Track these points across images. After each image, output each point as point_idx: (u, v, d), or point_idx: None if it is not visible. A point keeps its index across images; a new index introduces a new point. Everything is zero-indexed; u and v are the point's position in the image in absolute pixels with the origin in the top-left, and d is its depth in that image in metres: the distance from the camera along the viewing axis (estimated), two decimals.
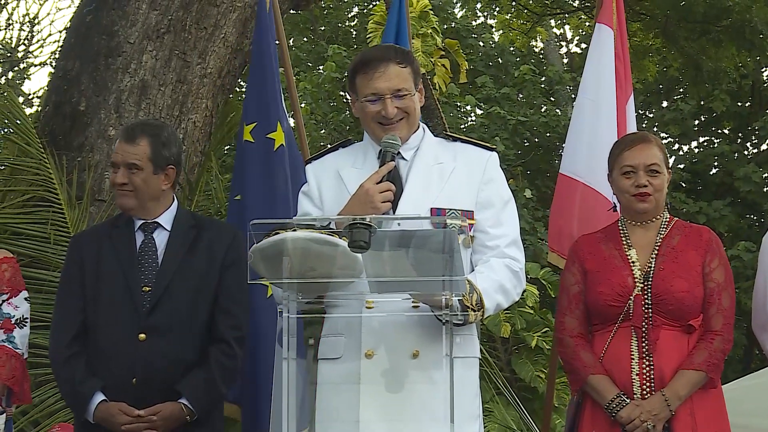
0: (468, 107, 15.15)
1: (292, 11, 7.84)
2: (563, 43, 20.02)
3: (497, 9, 18.09)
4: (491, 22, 18.96)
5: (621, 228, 3.61)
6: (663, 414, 3.35)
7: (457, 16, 17.02)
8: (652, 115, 17.18)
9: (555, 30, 19.46)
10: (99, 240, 3.65)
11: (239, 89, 9.43)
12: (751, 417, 5.15)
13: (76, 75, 5.88)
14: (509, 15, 17.38)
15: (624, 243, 3.56)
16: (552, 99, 15.93)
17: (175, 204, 3.70)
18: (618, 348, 3.44)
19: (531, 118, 14.41)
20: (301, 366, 2.96)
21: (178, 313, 3.50)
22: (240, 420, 4.52)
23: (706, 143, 16.70)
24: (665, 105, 16.83)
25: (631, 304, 3.43)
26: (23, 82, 15.91)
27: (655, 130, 15.97)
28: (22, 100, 13.92)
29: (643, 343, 3.42)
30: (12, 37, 15.43)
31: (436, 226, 2.89)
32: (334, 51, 13.77)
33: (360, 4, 17.30)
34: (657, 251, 3.52)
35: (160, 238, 3.60)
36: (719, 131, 16.92)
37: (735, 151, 15.25)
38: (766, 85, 16.68)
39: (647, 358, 3.40)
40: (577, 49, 19.03)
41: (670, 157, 3.73)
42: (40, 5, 18.05)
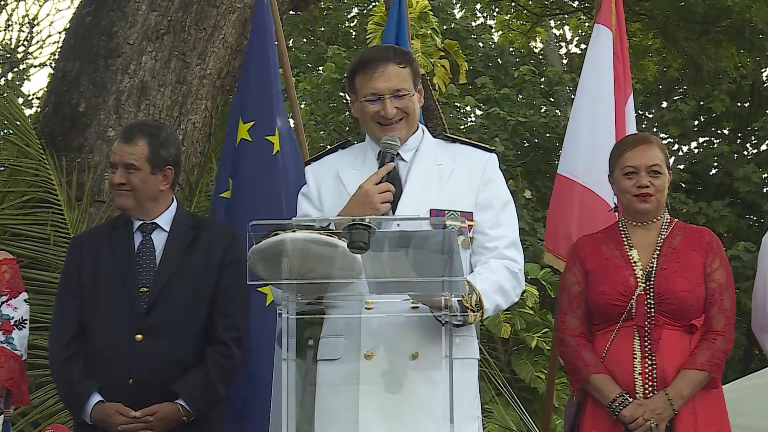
0: (467, 108, 15.16)
1: (291, 12, 7.83)
2: (563, 44, 20.02)
3: (497, 10, 18.11)
4: (491, 22, 18.97)
5: (621, 228, 3.61)
6: (666, 413, 3.35)
7: (457, 16, 17.01)
8: (651, 116, 17.17)
9: (554, 30, 19.47)
10: (98, 241, 3.65)
11: None
12: (751, 417, 5.15)
13: (75, 76, 5.87)
14: (509, 16, 17.40)
15: (625, 243, 3.56)
16: (551, 99, 15.92)
17: (174, 205, 3.69)
18: (620, 347, 3.44)
19: (530, 118, 14.41)
20: (301, 367, 2.96)
21: (175, 314, 3.50)
22: None
23: (705, 143, 16.69)
24: (665, 105, 16.82)
25: (634, 303, 3.43)
26: (23, 83, 15.91)
27: (655, 130, 15.96)
28: (21, 101, 13.92)
29: (646, 343, 3.42)
30: (11, 38, 15.44)
31: (435, 227, 2.89)
32: (333, 52, 13.77)
33: (359, 4, 17.30)
34: (659, 251, 3.52)
35: (158, 238, 3.60)
36: (719, 131, 16.92)
37: (735, 152, 15.24)
38: (765, 86, 16.67)
39: (650, 357, 3.40)
40: (577, 50, 19.03)
41: (669, 158, 3.73)
42: (39, 6, 18.13)
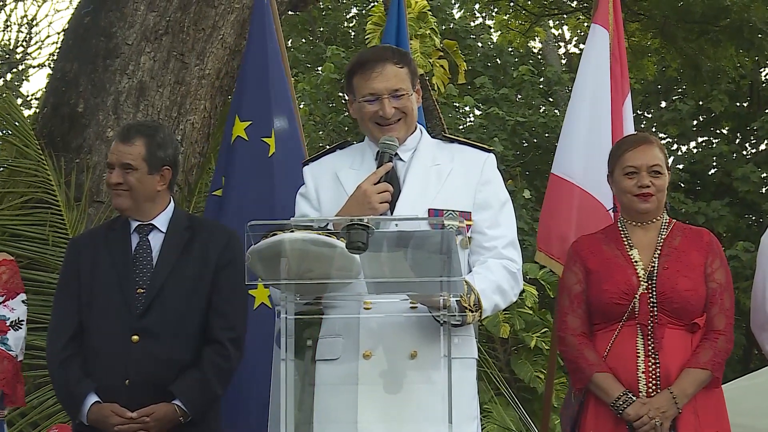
0: (467, 108, 15.15)
1: (290, 12, 7.83)
2: (561, 44, 20.02)
3: (495, 10, 18.11)
4: (489, 22, 18.97)
5: (621, 228, 3.62)
6: (671, 412, 3.35)
7: (456, 16, 17.00)
8: (650, 116, 17.15)
9: (553, 30, 19.46)
10: (96, 243, 3.65)
11: None
12: (751, 417, 5.15)
13: (74, 76, 5.87)
14: (507, 16, 17.41)
15: (625, 243, 3.57)
16: (550, 99, 15.92)
17: (172, 205, 3.69)
18: (623, 346, 3.44)
19: (529, 118, 14.39)
20: (299, 367, 2.95)
21: (171, 315, 3.49)
22: None
23: (704, 143, 16.66)
24: (664, 105, 16.79)
25: (637, 302, 3.44)
26: (21, 83, 15.92)
27: (654, 130, 15.95)
28: (20, 101, 13.93)
29: (649, 342, 3.42)
30: (10, 39, 15.45)
31: (433, 227, 2.89)
32: (332, 52, 13.76)
33: (358, 5, 17.30)
34: (660, 251, 3.52)
35: (155, 239, 3.60)
36: (718, 131, 16.90)
37: (734, 152, 15.22)
38: (764, 85, 16.67)
39: (653, 356, 3.40)
40: (576, 50, 19.00)
41: (668, 158, 3.74)
42: (38, 7, 18.10)
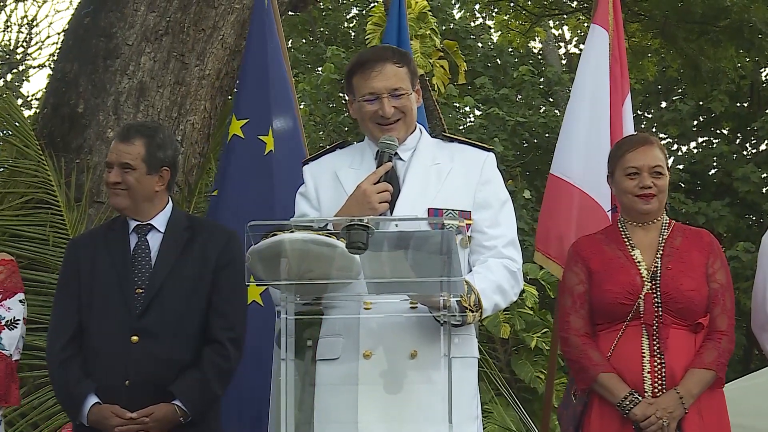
0: (467, 108, 15.15)
1: (290, 13, 7.83)
2: (562, 44, 20.02)
3: (496, 10, 18.11)
4: (490, 23, 18.97)
5: (621, 229, 3.61)
6: (678, 412, 3.35)
7: (456, 17, 16.99)
8: (650, 116, 17.16)
9: (553, 31, 19.46)
10: (95, 243, 3.65)
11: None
12: (751, 417, 5.15)
13: (74, 77, 5.87)
14: (507, 16, 17.41)
15: (627, 244, 3.56)
16: (551, 100, 15.92)
17: (170, 206, 3.68)
18: (627, 346, 3.43)
19: (530, 118, 14.39)
20: (299, 367, 2.95)
21: (170, 315, 3.49)
22: None
23: (705, 144, 16.66)
24: (664, 105, 16.79)
25: (641, 302, 3.43)
26: (22, 84, 15.91)
27: (654, 130, 15.95)
28: (20, 102, 13.93)
29: (654, 342, 3.41)
30: (11, 39, 15.45)
31: (433, 226, 2.89)
32: (332, 52, 13.76)
33: (358, 5, 17.29)
34: (662, 251, 3.52)
35: (153, 240, 3.59)
36: (718, 131, 16.90)
37: (734, 152, 15.21)
38: (765, 86, 16.67)
39: (659, 356, 3.40)
40: (576, 50, 19.00)
41: (669, 158, 3.74)
42: (38, 7, 18.09)
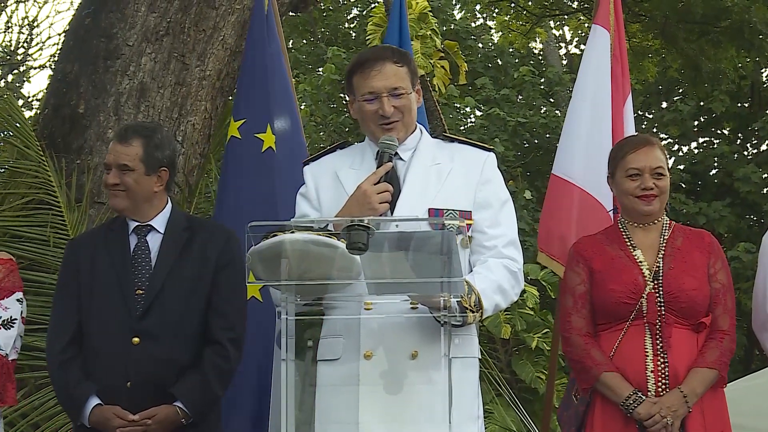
0: (467, 109, 15.14)
1: (291, 13, 7.83)
2: (562, 45, 20.02)
3: (496, 10, 18.10)
4: (490, 23, 18.97)
5: (622, 229, 3.62)
6: (681, 410, 3.35)
7: (456, 17, 16.99)
8: (651, 116, 17.15)
9: (554, 31, 19.46)
10: (94, 244, 3.65)
11: None
12: (752, 417, 5.15)
13: (75, 78, 5.86)
14: (508, 16, 17.39)
15: (628, 244, 3.57)
16: (551, 100, 15.91)
17: (169, 206, 3.68)
18: (630, 346, 3.43)
19: (530, 119, 14.39)
20: (300, 367, 2.95)
21: (171, 316, 3.49)
22: None
23: (705, 144, 16.66)
24: (665, 106, 16.80)
25: (644, 301, 3.43)
26: (22, 84, 15.89)
27: (655, 130, 15.94)
28: (21, 102, 13.92)
29: (657, 341, 3.41)
30: (11, 40, 15.44)
31: (434, 227, 2.89)
32: (333, 53, 13.75)
33: (359, 6, 17.29)
34: (664, 251, 3.52)
35: (153, 240, 3.59)
36: (719, 132, 16.89)
37: (735, 152, 15.20)
38: (765, 86, 16.66)
39: (662, 355, 3.40)
40: (577, 51, 18.99)
41: (669, 158, 3.74)
42: (39, 8, 18.12)
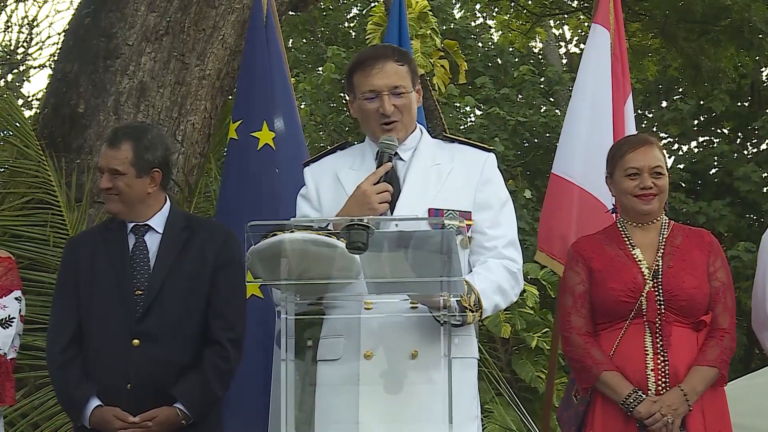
0: (467, 108, 15.14)
1: (291, 12, 7.83)
2: (562, 44, 20.02)
3: (496, 10, 18.10)
4: (490, 22, 18.97)
5: (621, 229, 3.61)
6: (682, 409, 3.35)
7: (456, 16, 16.99)
8: (651, 115, 17.15)
9: (554, 30, 19.46)
10: (93, 243, 3.64)
11: None
12: (752, 417, 5.15)
13: (74, 77, 5.86)
14: (508, 16, 17.39)
15: (627, 243, 3.57)
16: (551, 99, 15.92)
17: (168, 206, 3.67)
18: (630, 345, 3.43)
19: (530, 118, 14.39)
20: (300, 367, 2.96)
21: (170, 317, 3.48)
22: None
23: (705, 143, 16.66)
24: (664, 105, 16.80)
25: (644, 300, 3.43)
26: (22, 84, 15.89)
27: (655, 130, 15.94)
28: (21, 102, 13.92)
29: (657, 339, 3.41)
30: (11, 40, 15.44)
31: (433, 226, 2.89)
32: (333, 52, 13.74)
33: (359, 5, 17.29)
34: (663, 250, 3.52)
35: (151, 240, 3.58)
36: (719, 131, 16.90)
37: (735, 151, 15.21)
38: (765, 85, 16.66)
39: (662, 353, 3.40)
40: (576, 50, 19.00)
41: (669, 158, 3.74)
42: (39, 7, 18.12)
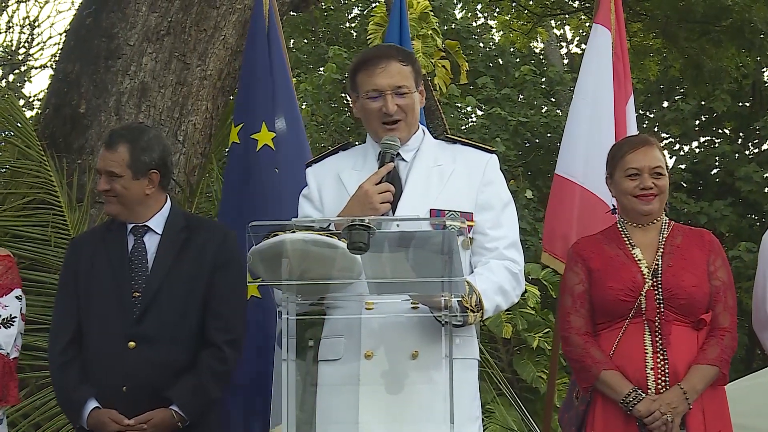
0: (468, 108, 15.14)
1: (292, 13, 7.83)
2: (563, 44, 20.02)
3: (497, 10, 18.09)
4: (491, 23, 18.97)
5: (621, 229, 3.62)
6: (681, 407, 3.35)
7: (458, 17, 17.01)
8: (652, 115, 17.16)
9: (555, 31, 19.46)
10: (94, 243, 3.64)
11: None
12: (753, 417, 5.15)
13: (76, 77, 5.86)
14: (509, 16, 17.37)
15: (627, 243, 3.57)
16: (552, 99, 15.93)
17: (167, 206, 3.66)
18: (630, 344, 3.43)
19: (532, 118, 14.39)
20: (301, 367, 2.96)
21: (167, 319, 3.48)
22: None
23: (707, 143, 16.67)
24: (666, 105, 16.80)
25: (643, 299, 3.43)
26: (24, 84, 15.90)
27: (656, 130, 15.95)
28: (22, 102, 13.92)
29: (657, 338, 3.41)
30: (12, 40, 15.45)
31: (435, 227, 2.89)
32: (334, 52, 13.74)
33: (360, 5, 17.29)
34: (663, 249, 3.53)
35: (150, 241, 3.58)
36: (720, 131, 16.91)
37: (736, 151, 15.22)
38: (766, 85, 16.66)
39: (661, 352, 3.40)
40: (578, 50, 19.02)
41: (671, 158, 3.75)
42: (40, 8, 18.12)
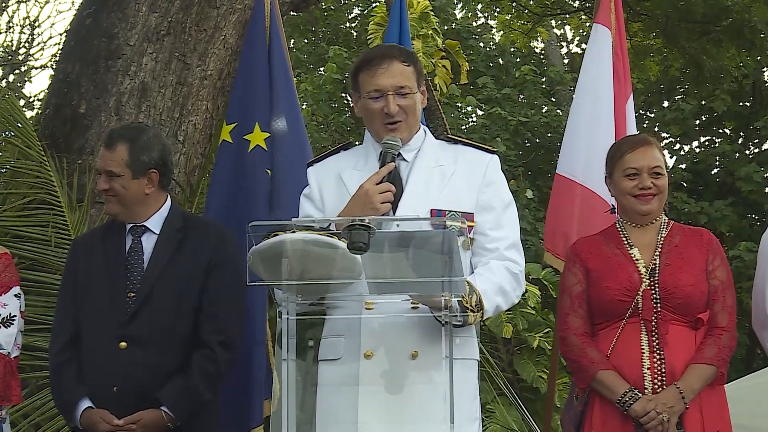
0: (469, 108, 15.14)
1: (292, 13, 7.82)
2: (564, 44, 20.03)
3: (498, 10, 18.10)
4: (492, 22, 18.98)
5: (620, 229, 3.62)
6: (678, 407, 3.35)
7: (458, 17, 17.02)
8: (653, 115, 17.16)
9: (555, 30, 19.46)
10: (93, 244, 3.65)
11: None
12: (753, 417, 5.15)
13: (76, 78, 5.86)
14: (510, 16, 17.38)
15: (625, 243, 3.57)
16: (553, 99, 15.93)
17: (167, 206, 3.66)
18: (627, 343, 3.43)
19: (532, 118, 14.40)
20: (301, 367, 2.96)
21: (160, 320, 3.47)
22: None
23: (707, 143, 16.68)
24: (666, 105, 16.81)
25: (640, 298, 3.43)
26: (24, 85, 15.90)
27: (656, 130, 15.95)
28: (22, 102, 13.92)
29: (654, 338, 3.41)
30: (13, 40, 15.45)
31: (435, 227, 2.89)
32: (334, 52, 13.75)
33: (360, 5, 17.29)
34: (661, 249, 3.52)
35: (147, 242, 3.57)
36: (720, 131, 16.91)
37: (736, 151, 15.22)
38: (767, 85, 16.66)
39: (658, 352, 3.40)
40: (578, 50, 19.02)
41: (671, 158, 3.75)
42: (40, 8, 18.12)
